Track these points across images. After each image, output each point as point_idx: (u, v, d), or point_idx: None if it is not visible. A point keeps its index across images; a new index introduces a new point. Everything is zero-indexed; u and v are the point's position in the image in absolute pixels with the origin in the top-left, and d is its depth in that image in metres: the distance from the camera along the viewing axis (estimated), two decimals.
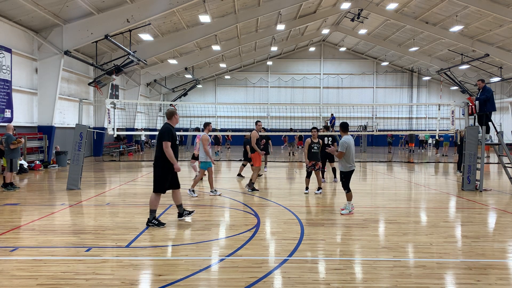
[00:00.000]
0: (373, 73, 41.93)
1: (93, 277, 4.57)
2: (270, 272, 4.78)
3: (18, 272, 4.75)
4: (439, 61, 34.58)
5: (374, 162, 21.37)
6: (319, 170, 10.67)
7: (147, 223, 6.92)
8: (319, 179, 10.62)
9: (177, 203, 7.34)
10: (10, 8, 14.93)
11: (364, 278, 4.65)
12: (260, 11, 23.97)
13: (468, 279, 4.64)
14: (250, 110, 37.96)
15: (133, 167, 18.28)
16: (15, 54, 16.05)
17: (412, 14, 27.24)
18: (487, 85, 11.69)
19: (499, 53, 27.69)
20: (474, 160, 11.24)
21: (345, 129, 8.19)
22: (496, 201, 9.73)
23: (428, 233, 6.65)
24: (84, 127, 11.39)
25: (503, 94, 34.22)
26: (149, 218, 6.95)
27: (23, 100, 17.01)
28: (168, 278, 4.57)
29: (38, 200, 9.54)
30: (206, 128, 10.30)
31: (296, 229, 6.81)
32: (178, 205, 7.36)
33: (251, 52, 36.54)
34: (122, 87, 29.05)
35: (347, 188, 8.07)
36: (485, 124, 11.41)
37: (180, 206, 7.37)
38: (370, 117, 41.51)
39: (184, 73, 33.59)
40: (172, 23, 22.64)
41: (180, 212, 7.39)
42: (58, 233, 6.48)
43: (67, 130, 20.24)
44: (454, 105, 12.72)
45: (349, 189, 8.09)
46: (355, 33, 34.31)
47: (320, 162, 10.64)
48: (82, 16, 17.45)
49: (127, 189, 11.29)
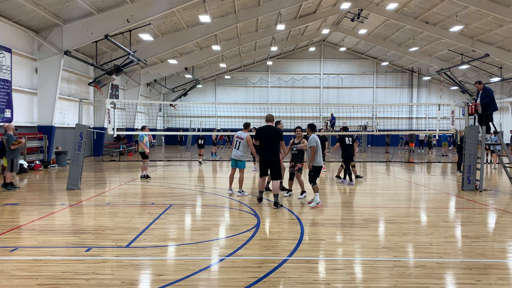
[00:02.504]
0: (373, 73, 41.93)
1: (93, 277, 4.57)
2: (270, 272, 4.78)
3: (18, 272, 4.75)
4: (439, 61, 34.59)
5: (374, 162, 21.37)
6: (300, 172, 9.79)
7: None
8: (300, 182, 9.79)
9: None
10: (10, 8, 14.93)
11: (364, 278, 4.66)
12: (260, 11, 23.97)
13: (468, 279, 4.64)
14: (250, 110, 37.91)
15: (133, 167, 18.28)
16: (15, 54, 16.05)
17: (412, 14, 27.24)
18: (486, 85, 11.67)
19: (499, 53, 27.69)
20: (474, 160, 11.25)
21: (313, 129, 9.31)
22: (496, 201, 9.73)
23: (428, 233, 6.65)
24: (84, 127, 11.39)
25: (503, 94, 34.21)
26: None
27: (23, 100, 17.01)
28: (168, 278, 4.57)
29: (38, 200, 9.54)
30: (247, 128, 10.57)
31: (296, 229, 6.81)
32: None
33: (251, 52, 36.54)
34: (122, 87, 29.06)
35: (313, 181, 8.85)
36: (485, 124, 11.41)
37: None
38: (370, 117, 41.52)
39: (184, 73, 33.59)
40: (172, 23, 22.64)
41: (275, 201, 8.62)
42: (58, 233, 6.48)
43: (67, 130, 20.24)
44: (454, 105, 12.72)
45: (315, 182, 8.88)
46: (355, 33, 34.31)
47: (300, 164, 9.75)
48: (82, 16, 17.45)
49: (127, 189, 11.29)
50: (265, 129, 8.95)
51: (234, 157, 10.26)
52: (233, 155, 10.28)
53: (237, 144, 10.17)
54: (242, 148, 10.11)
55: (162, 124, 41.28)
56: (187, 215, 8.09)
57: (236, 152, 10.16)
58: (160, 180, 13.48)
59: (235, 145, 10.23)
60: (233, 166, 10.36)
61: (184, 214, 8.15)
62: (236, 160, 10.21)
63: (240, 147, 10.12)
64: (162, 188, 11.62)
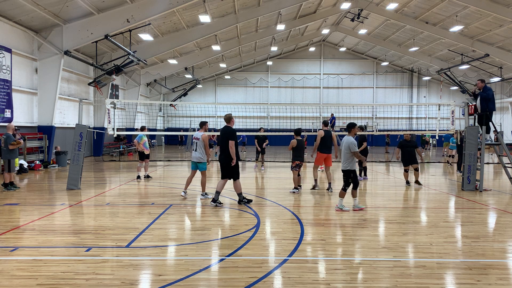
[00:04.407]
0: (373, 73, 41.93)
1: (93, 277, 4.57)
2: (270, 272, 4.78)
3: (18, 272, 4.75)
4: (439, 61, 34.59)
5: (374, 162, 21.36)
6: (297, 170, 10.77)
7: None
8: (294, 178, 10.83)
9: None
10: (10, 8, 14.93)
11: (364, 278, 4.65)
12: (260, 11, 23.97)
13: (468, 279, 4.64)
14: (250, 110, 37.94)
15: (133, 167, 18.27)
16: (15, 54, 16.05)
17: (412, 14, 27.24)
18: (487, 85, 11.68)
19: (499, 53, 27.69)
20: (474, 160, 11.24)
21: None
22: (496, 201, 9.73)
23: (428, 233, 6.65)
24: (84, 127, 11.39)
25: (503, 94, 34.23)
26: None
27: (23, 100, 17.01)
28: (168, 278, 4.57)
29: (38, 200, 9.54)
30: (203, 127, 9.99)
31: (296, 229, 6.81)
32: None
33: (251, 52, 36.54)
34: (122, 87, 29.06)
35: (351, 186, 8.54)
36: (485, 124, 11.41)
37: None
38: (370, 117, 41.52)
39: (184, 73, 33.59)
40: (172, 23, 22.64)
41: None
42: (58, 233, 6.48)
43: (67, 130, 20.24)
44: (454, 105, 12.71)
45: (346, 189, 8.57)
46: (355, 33, 34.32)
47: (297, 161, 10.68)
48: (82, 16, 17.45)
49: (127, 189, 11.29)
50: (222, 130, 8.94)
51: (193, 160, 9.73)
52: (192, 158, 9.80)
53: (194, 146, 9.66)
54: (200, 149, 9.58)
55: (162, 124, 41.29)
56: (187, 215, 8.09)
57: (195, 154, 9.64)
58: (160, 180, 13.48)
59: (193, 146, 9.73)
60: (193, 168, 9.81)
61: (184, 214, 8.15)
62: (196, 162, 9.69)
63: (197, 148, 9.59)
64: (162, 188, 11.61)
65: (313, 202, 9.58)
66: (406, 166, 12.25)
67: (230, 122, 8.98)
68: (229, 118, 8.97)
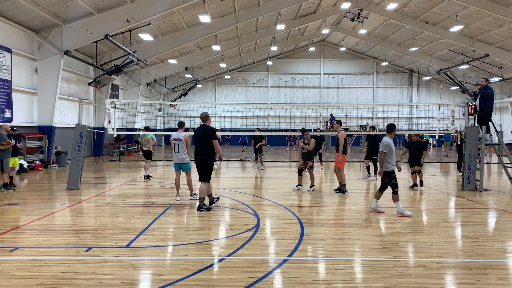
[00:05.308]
0: (373, 73, 41.93)
1: (93, 277, 4.57)
2: (270, 272, 4.78)
3: (18, 272, 4.75)
4: (439, 61, 34.59)
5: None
6: (312, 169, 11.02)
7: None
8: (312, 177, 11.12)
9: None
10: (10, 8, 14.93)
11: (364, 278, 4.65)
12: (260, 11, 23.97)
13: (468, 279, 4.64)
14: (250, 110, 38.01)
15: (133, 167, 18.28)
16: (15, 54, 16.05)
17: (412, 14, 27.24)
18: (488, 85, 11.70)
19: (499, 53, 27.68)
20: (474, 160, 11.25)
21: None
22: (496, 201, 9.73)
23: (428, 233, 6.65)
24: (84, 127, 11.39)
25: (503, 94, 34.21)
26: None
27: (23, 100, 17.01)
28: (168, 278, 4.57)
29: (38, 200, 9.54)
30: (182, 127, 9.66)
31: (296, 229, 6.81)
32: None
33: (251, 52, 36.53)
34: (122, 87, 29.05)
35: (393, 189, 8.10)
36: (485, 124, 11.42)
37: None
38: (370, 117, 41.50)
39: (184, 73, 33.59)
40: (172, 23, 22.63)
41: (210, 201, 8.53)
42: (58, 233, 6.48)
43: (67, 130, 20.23)
44: (454, 105, 12.71)
45: (396, 192, 8.13)
46: (355, 33, 34.31)
47: (311, 161, 10.92)
48: (82, 16, 17.45)
49: (127, 189, 11.29)
50: (198, 129, 8.32)
51: (176, 161, 9.46)
52: (174, 160, 9.50)
53: (176, 147, 9.32)
54: (182, 149, 9.32)
55: (162, 124, 41.29)
56: (187, 215, 8.09)
57: (177, 156, 9.36)
58: (160, 180, 13.48)
59: (174, 148, 9.37)
60: (177, 169, 9.59)
61: (184, 214, 8.15)
62: (180, 163, 9.46)
63: (180, 149, 9.31)
64: (162, 188, 11.61)
65: (313, 202, 9.58)
66: (412, 168, 12.20)
67: (207, 121, 8.40)
68: (205, 117, 8.38)
